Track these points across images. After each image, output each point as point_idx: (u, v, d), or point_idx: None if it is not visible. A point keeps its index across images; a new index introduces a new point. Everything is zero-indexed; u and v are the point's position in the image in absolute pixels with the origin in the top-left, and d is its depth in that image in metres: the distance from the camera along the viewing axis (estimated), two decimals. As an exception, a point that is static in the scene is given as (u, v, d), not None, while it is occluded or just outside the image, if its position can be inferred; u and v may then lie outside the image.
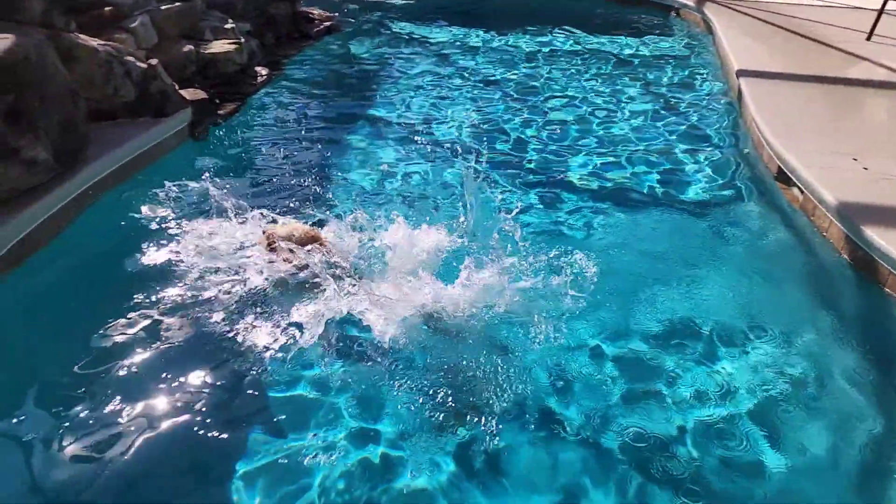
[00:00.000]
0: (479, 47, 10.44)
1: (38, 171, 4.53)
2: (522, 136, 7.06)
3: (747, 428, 3.39)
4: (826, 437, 3.37)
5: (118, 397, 3.38)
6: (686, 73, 9.43)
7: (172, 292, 4.12)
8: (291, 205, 5.32)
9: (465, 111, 7.73)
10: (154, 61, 6.18)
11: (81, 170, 5.00)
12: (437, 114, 7.65)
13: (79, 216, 4.92)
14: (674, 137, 7.13)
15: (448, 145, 6.71)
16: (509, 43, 10.74)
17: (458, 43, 10.66)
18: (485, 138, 6.98)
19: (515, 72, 9.29)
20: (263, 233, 4.40)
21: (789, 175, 5.72)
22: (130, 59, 5.91)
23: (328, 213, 5.07)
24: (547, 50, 10.40)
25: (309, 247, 4.17)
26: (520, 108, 7.90)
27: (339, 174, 6.03)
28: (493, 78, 8.99)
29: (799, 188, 5.55)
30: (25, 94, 4.36)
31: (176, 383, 3.51)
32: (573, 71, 9.37)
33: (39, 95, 4.49)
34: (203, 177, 5.62)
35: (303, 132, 7.01)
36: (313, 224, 4.76)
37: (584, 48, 10.56)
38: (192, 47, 7.39)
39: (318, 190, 5.64)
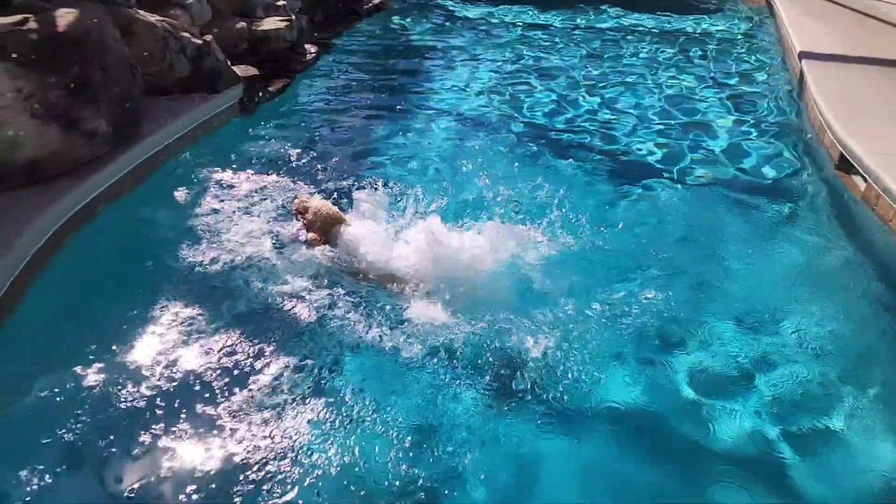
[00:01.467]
0: (531, 26, 10.28)
1: (98, 142, 4.67)
2: (574, 117, 6.95)
3: (810, 426, 3.30)
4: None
5: (155, 361, 3.53)
6: (744, 54, 9.11)
7: (212, 261, 4.23)
8: (332, 182, 5.35)
9: (515, 90, 7.63)
10: (208, 37, 6.27)
11: (137, 143, 5.13)
12: (487, 93, 7.57)
13: (135, 188, 5.06)
14: (730, 120, 6.91)
15: (496, 125, 6.65)
16: (562, 22, 10.55)
17: (508, 21, 10.51)
18: (535, 119, 6.89)
19: (568, 51, 9.12)
20: (296, 198, 4.63)
21: (852, 162, 5.47)
22: (186, 35, 6.01)
23: (365, 192, 5.06)
24: (601, 29, 10.17)
25: (320, 248, 4.27)
26: (572, 87, 7.76)
27: (384, 153, 6.04)
28: (545, 57, 8.85)
29: (862, 176, 5.31)
30: (88, 67, 4.49)
31: (211, 346, 3.62)
32: (627, 51, 9.16)
33: (101, 68, 4.62)
34: (251, 152, 5.73)
35: (349, 110, 7.03)
36: (346, 202, 4.83)
37: (639, 28, 10.29)
38: (244, 24, 7.48)
39: (359, 168, 5.66)
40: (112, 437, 3.08)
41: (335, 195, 5.06)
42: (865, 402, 3.41)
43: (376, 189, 5.03)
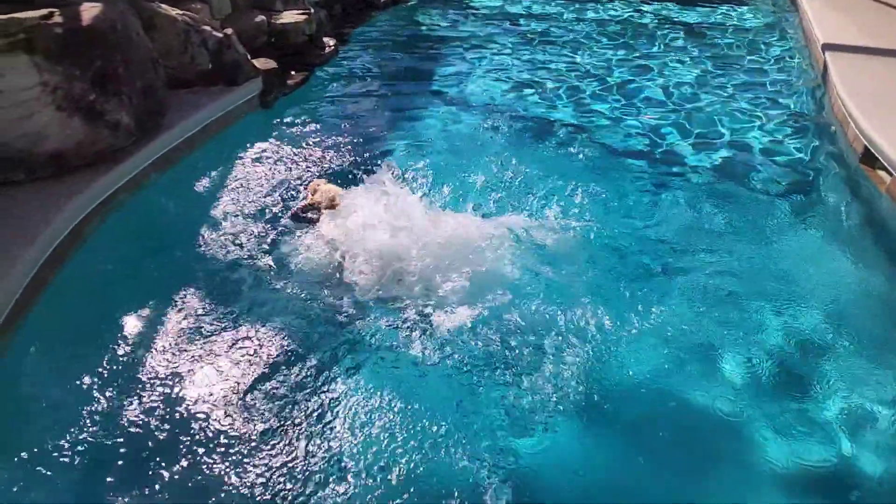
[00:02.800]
0: (551, 16, 10.20)
1: (121, 134, 4.73)
2: (594, 110, 6.90)
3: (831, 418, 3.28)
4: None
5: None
6: (766, 46, 8.98)
7: (231, 254, 4.31)
8: (349, 173, 5.35)
9: (532, 82, 7.59)
10: (229, 31, 6.30)
11: (159, 135, 5.18)
12: (505, 86, 7.54)
13: (157, 180, 5.12)
14: (751, 113, 6.82)
15: (515, 117, 6.61)
16: (582, 14, 10.45)
17: (527, 13, 10.43)
18: (552, 109, 6.86)
19: (589, 43, 9.04)
20: (311, 180, 4.92)
21: (877, 156, 5.39)
22: (206, 28, 6.05)
23: (382, 183, 5.06)
24: (622, 20, 10.08)
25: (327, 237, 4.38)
26: (592, 80, 7.69)
27: (401, 145, 6.04)
28: (563, 49, 8.78)
29: (887, 171, 5.23)
30: (111, 60, 4.55)
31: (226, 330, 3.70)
32: (648, 43, 9.06)
33: (124, 62, 4.67)
34: (270, 144, 5.77)
35: (367, 102, 7.04)
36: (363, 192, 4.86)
37: (660, 18, 10.18)
38: (263, 18, 7.52)
39: (377, 160, 5.64)
40: (128, 434, 3.14)
41: (352, 186, 5.09)
42: (886, 393, 3.38)
43: (393, 181, 5.05)
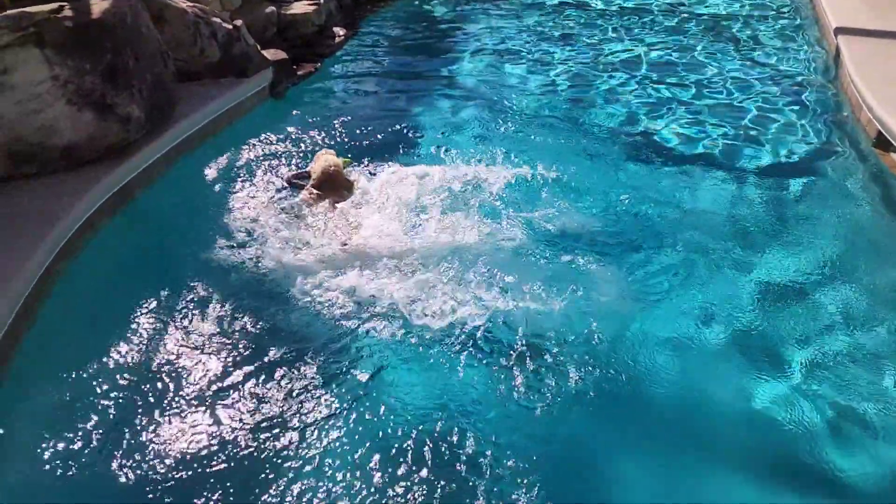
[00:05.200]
0: (562, 6, 10.10)
1: (132, 127, 4.79)
2: (604, 99, 6.84)
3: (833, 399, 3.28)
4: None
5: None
6: (778, 30, 8.85)
7: (242, 245, 4.37)
8: (360, 161, 5.39)
9: (544, 71, 7.55)
10: (238, 23, 6.34)
11: (170, 128, 5.24)
12: (519, 73, 7.50)
13: (168, 172, 5.18)
14: (763, 98, 6.75)
15: (526, 110, 6.58)
16: (592, 2, 10.33)
17: (540, 2, 10.34)
18: (564, 101, 6.82)
19: (598, 32, 8.94)
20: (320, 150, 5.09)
21: (890, 140, 5.33)
22: (216, 20, 6.10)
23: (390, 174, 5.12)
24: (632, 7, 9.96)
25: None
26: (602, 70, 7.61)
27: (409, 135, 6.05)
28: (573, 38, 8.71)
29: (900, 154, 5.19)
30: (122, 54, 4.61)
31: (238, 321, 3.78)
32: (657, 29, 8.96)
33: (134, 55, 4.73)
34: (281, 135, 5.82)
35: (377, 93, 7.05)
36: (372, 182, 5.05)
37: (667, 6, 10.06)
38: (273, 9, 7.55)
39: (386, 150, 5.67)
40: (131, 429, 3.20)
41: (362, 175, 5.14)
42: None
43: (401, 170, 5.09)
